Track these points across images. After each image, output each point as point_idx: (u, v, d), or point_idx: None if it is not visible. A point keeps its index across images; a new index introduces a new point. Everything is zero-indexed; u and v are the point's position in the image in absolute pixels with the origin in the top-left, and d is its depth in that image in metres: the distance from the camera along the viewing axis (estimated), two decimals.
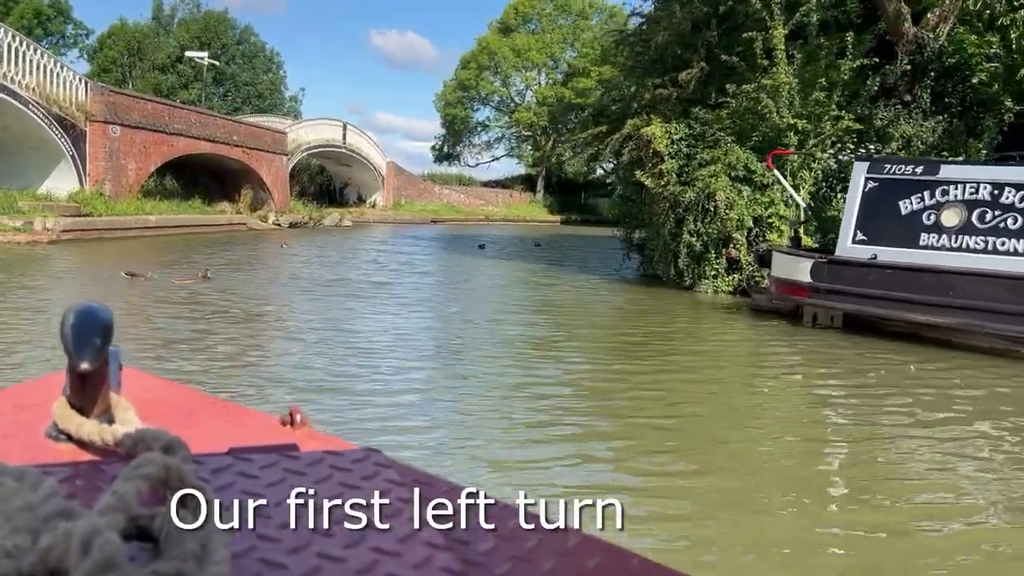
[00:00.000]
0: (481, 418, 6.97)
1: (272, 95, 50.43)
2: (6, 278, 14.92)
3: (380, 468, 0.86)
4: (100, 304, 0.90)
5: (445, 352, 10.15)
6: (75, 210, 24.50)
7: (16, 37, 23.60)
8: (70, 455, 0.88)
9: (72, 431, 0.90)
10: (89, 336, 0.86)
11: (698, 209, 17.17)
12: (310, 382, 7.89)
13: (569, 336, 11.95)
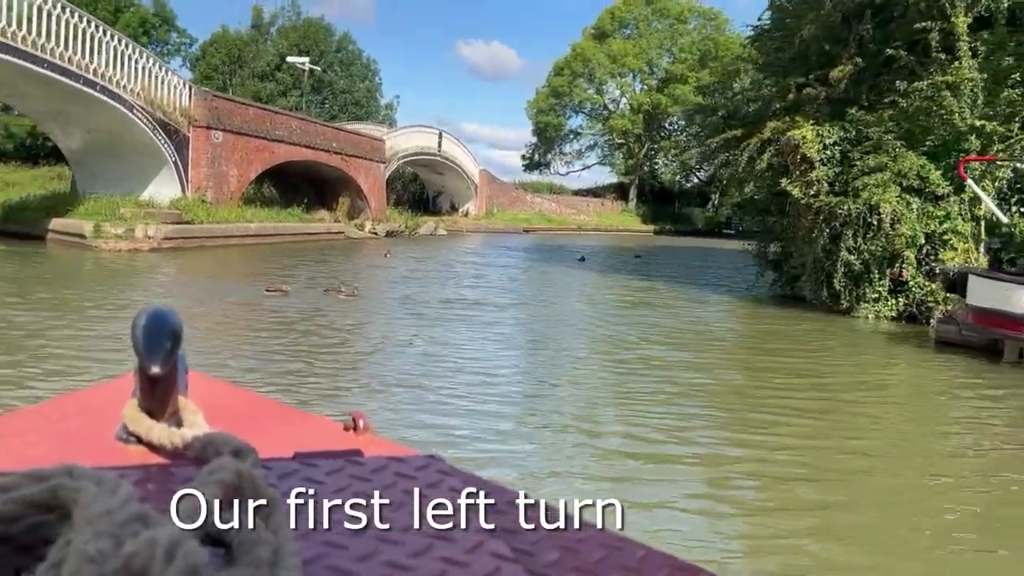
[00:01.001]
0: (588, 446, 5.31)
1: (368, 103, 49.62)
2: (109, 290, 13.81)
3: (443, 475, 0.84)
4: (169, 308, 0.90)
5: (553, 385, 8.42)
6: (177, 217, 23.63)
7: (123, 41, 22.87)
8: (140, 458, 0.88)
9: (142, 434, 0.90)
10: (160, 340, 0.86)
11: (859, 223, 14.95)
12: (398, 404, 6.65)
13: (700, 367, 9.98)
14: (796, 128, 16.29)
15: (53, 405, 1.17)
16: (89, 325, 10.92)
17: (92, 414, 1.07)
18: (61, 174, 30.49)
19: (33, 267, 17.48)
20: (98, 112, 22.32)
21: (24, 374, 7.66)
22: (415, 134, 44.17)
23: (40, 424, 1.06)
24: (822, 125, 16.17)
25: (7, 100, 23.70)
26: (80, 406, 1.12)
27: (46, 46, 19.83)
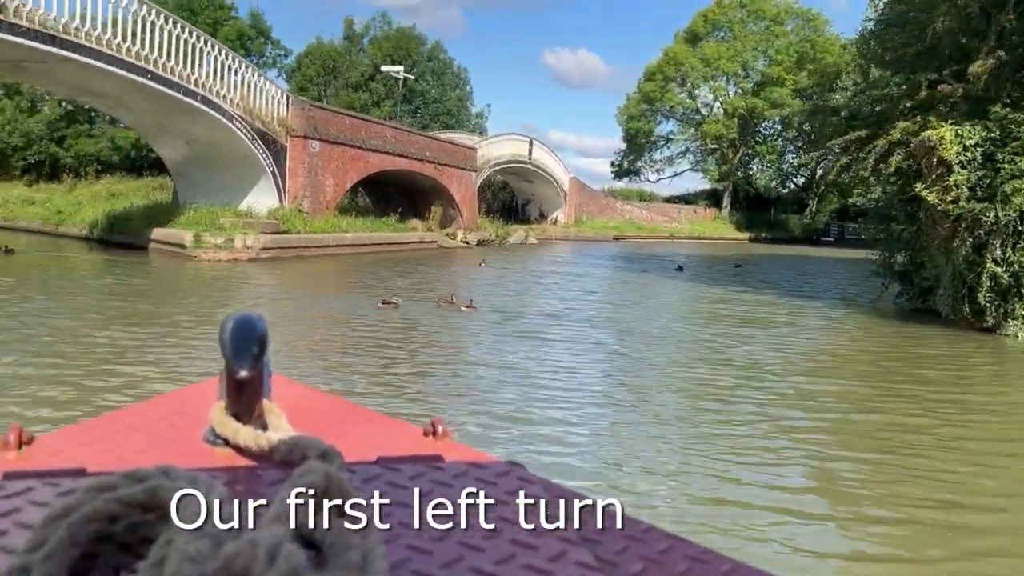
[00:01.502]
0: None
1: (460, 112, 49.34)
2: (209, 301, 13.48)
3: (524, 483, 0.84)
4: (256, 314, 0.91)
5: (654, 410, 7.38)
6: (274, 227, 23.50)
7: (224, 52, 22.89)
8: (227, 460, 0.89)
9: (229, 436, 0.90)
10: (248, 345, 0.87)
11: (1008, 231, 13.44)
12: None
13: (835, 395, 8.76)
14: (930, 128, 14.85)
15: (144, 407, 1.18)
16: (186, 335, 10.60)
17: (180, 416, 1.09)
18: (163, 185, 30.99)
19: (134, 277, 17.43)
20: (198, 123, 22.37)
21: (123, 379, 7.72)
22: (506, 142, 43.61)
23: (132, 425, 1.06)
24: (960, 125, 14.68)
25: (113, 112, 24.04)
26: (168, 408, 1.14)
27: (150, 57, 19.89)
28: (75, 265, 19.74)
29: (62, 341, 9.54)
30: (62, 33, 17.51)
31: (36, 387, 7.21)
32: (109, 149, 36.46)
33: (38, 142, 36.73)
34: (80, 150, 36.65)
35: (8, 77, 24.94)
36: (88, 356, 8.73)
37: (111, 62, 18.68)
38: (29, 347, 9.04)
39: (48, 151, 36.81)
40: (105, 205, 27.79)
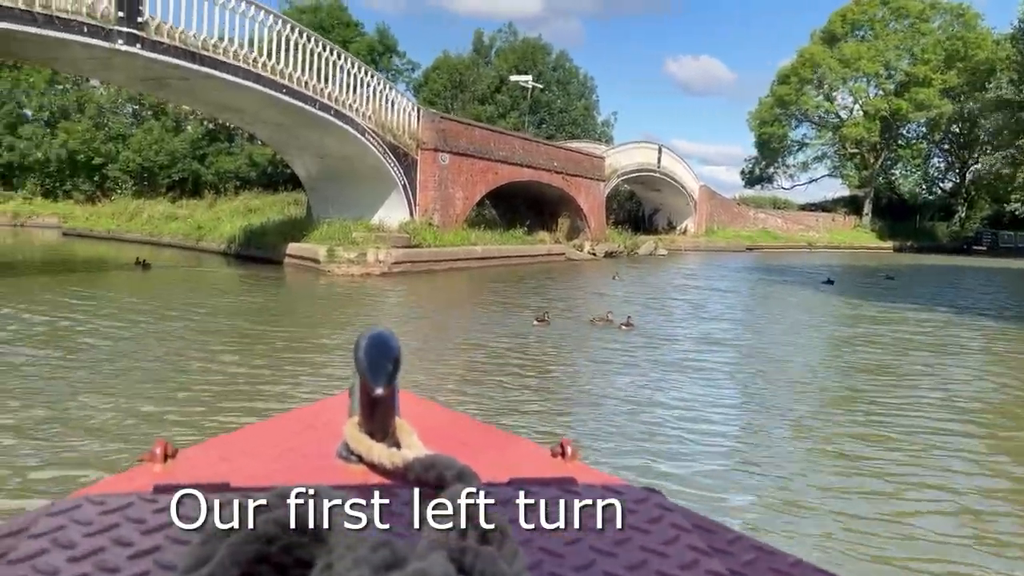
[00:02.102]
0: None
1: (586, 121, 48.29)
2: (351, 316, 12.91)
3: (664, 511, 0.81)
4: (389, 331, 0.92)
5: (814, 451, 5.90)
6: (405, 241, 23.08)
7: (357, 65, 22.66)
8: (362, 477, 0.90)
9: (363, 453, 0.91)
10: (382, 363, 0.88)
11: None
12: None
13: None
14: None
15: (277, 422, 1.19)
16: (318, 351, 10.07)
17: (312, 431, 1.10)
18: (298, 200, 31.32)
19: (268, 292, 17.19)
20: (331, 137, 22.21)
21: (258, 394, 7.79)
22: (634, 150, 42.24)
23: (267, 440, 1.08)
24: None
25: (250, 128, 24.26)
26: (301, 424, 1.15)
27: (285, 72, 19.78)
28: (211, 279, 19.81)
29: (197, 355, 9.55)
30: (202, 50, 17.53)
31: (176, 401, 7.31)
32: (247, 166, 37.34)
33: (182, 160, 38.00)
34: (220, 167, 37.70)
35: (153, 94, 25.60)
36: (223, 371, 8.68)
37: (248, 77, 18.63)
38: (167, 360, 9.16)
39: (191, 169, 38.05)
40: (242, 220, 28.23)
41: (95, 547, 0.64)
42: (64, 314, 12.37)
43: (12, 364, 8.54)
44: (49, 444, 5.78)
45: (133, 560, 0.63)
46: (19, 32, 14.18)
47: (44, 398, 7.11)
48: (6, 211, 39.13)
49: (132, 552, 0.64)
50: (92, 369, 8.47)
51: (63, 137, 38.36)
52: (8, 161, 39.70)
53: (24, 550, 0.64)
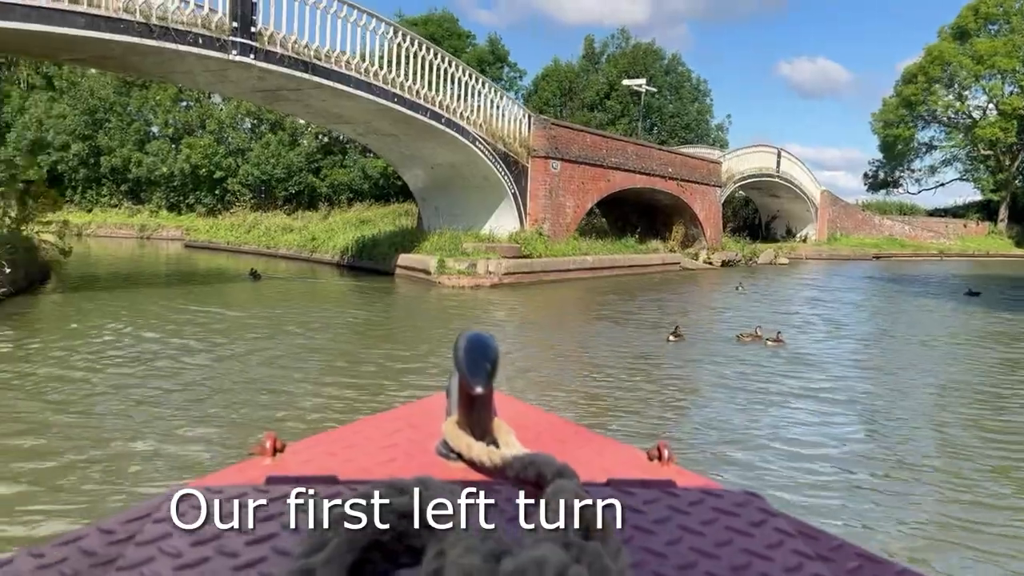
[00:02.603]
0: None
1: (699, 125, 46.58)
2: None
3: (767, 515, 0.78)
4: (487, 333, 0.93)
5: None
6: (515, 251, 22.35)
7: (468, 72, 22.14)
8: (462, 474, 0.90)
9: (463, 450, 0.92)
10: (482, 362, 0.89)
11: None
12: None
13: None
14: None
15: (378, 420, 1.22)
16: (424, 360, 9.80)
17: (413, 429, 1.12)
18: (409, 211, 31.16)
19: (378, 303, 16.75)
20: (442, 146, 21.74)
21: (363, 395, 8.04)
22: (752, 154, 40.34)
23: (369, 436, 1.11)
24: None
25: (362, 139, 24.09)
26: (402, 421, 1.17)
27: (396, 80, 19.39)
28: (322, 291, 19.59)
29: (307, 360, 9.94)
30: (313, 59, 17.28)
31: (287, 399, 7.70)
32: (360, 178, 37.55)
33: (298, 173, 38.58)
34: (334, 180, 38.07)
35: (268, 107, 25.80)
36: (331, 372, 9.13)
37: (360, 86, 18.31)
38: (277, 363, 9.58)
39: (306, 181, 38.58)
40: (355, 232, 28.18)
41: (215, 533, 0.67)
42: (187, 317, 12.82)
43: (137, 365, 9.03)
44: (167, 437, 6.26)
45: (251, 546, 0.65)
46: (138, 45, 14.19)
47: (162, 398, 7.62)
48: (134, 224, 40.72)
49: (250, 539, 0.66)
50: (206, 372, 8.82)
51: (186, 152, 39.59)
52: (136, 176, 41.29)
53: (150, 534, 0.67)
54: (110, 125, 41.72)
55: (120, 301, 15.21)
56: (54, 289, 16.76)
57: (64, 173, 42.81)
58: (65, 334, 11.24)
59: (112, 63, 16.47)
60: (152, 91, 41.68)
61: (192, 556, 0.63)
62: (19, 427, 6.50)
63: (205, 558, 0.63)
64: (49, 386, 7.99)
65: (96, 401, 7.44)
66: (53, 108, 42.05)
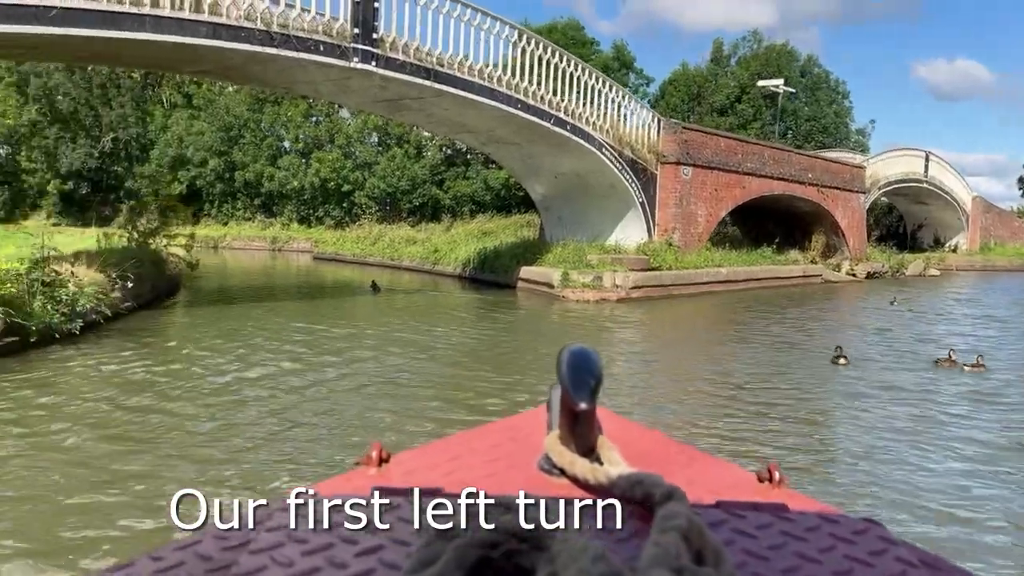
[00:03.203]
0: None
1: (837, 129, 43.63)
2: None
3: (888, 544, 0.74)
4: (591, 347, 0.91)
5: None
6: (643, 263, 20.99)
7: (594, 75, 21.00)
8: (565, 491, 0.88)
9: (565, 466, 0.91)
10: (586, 378, 0.87)
11: None
12: None
13: None
14: None
15: (480, 432, 1.22)
16: (539, 377, 8.68)
17: (513, 443, 1.11)
18: (531, 222, 30.29)
19: (498, 317, 15.82)
20: (566, 153, 20.68)
21: (471, 408, 7.98)
22: (897, 159, 37.37)
23: (472, 448, 1.10)
24: None
25: (484, 148, 23.33)
26: (503, 435, 1.16)
27: (519, 86, 18.47)
28: (443, 304, 18.88)
29: (420, 377, 9.62)
30: (436, 65, 16.57)
31: (397, 410, 7.66)
32: (482, 189, 37.03)
33: (422, 186, 38.47)
34: (457, 191, 37.73)
35: (391, 117, 25.44)
36: (443, 391, 8.91)
37: (482, 92, 17.49)
38: (390, 379, 9.35)
39: (430, 193, 38.41)
40: (477, 244, 27.50)
41: (324, 543, 0.67)
42: (306, 329, 12.69)
43: (242, 381, 8.92)
44: (279, 446, 6.35)
45: (359, 558, 0.66)
46: (258, 53, 13.82)
47: (270, 408, 7.66)
48: (266, 236, 41.65)
49: (358, 550, 0.67)
50: (323, 385, 8.74)
51: (316, 166, 40.18)
52: (269, 190, 42.24)
53: (263, 542, 0.68)
54: (244, 141, 42.91)
55: (243, 315, 14.91)
56: (181, 303, 16.72)
57: (202, 188, 44.36)
58: (179, 348, 10.85)
59: (235, 74, 16.29)
60: (284, 107, 42.62)
61: (303, 566, 0.64)
62: (118, 433, 6.61)
63: (316, 568, 0.64)
64: (150, 397, 7.93)
65: (196, 413, 7.40)
66: (192, 125, 43.66)
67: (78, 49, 13.13)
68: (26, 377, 8.56)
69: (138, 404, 7.69)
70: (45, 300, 10.35)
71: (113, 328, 11.88)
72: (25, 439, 6.45)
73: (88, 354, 9.95)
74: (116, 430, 6.80)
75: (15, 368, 8.92)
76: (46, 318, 10.15)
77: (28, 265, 10.41)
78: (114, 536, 4.60)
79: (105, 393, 8.06)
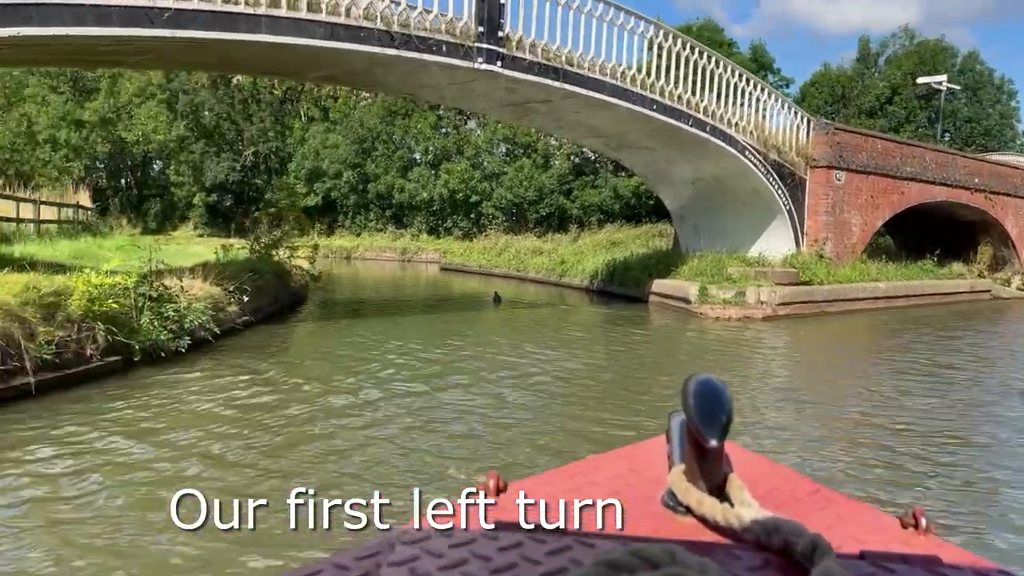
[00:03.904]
0: None
1: (1002, 131, 39.43)
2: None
3: None
4: (718, 378, 0.88)
5: None
6: (791, 277, 18.93)
7: (735, 71, 19.15)
8: (693, 532, 0.85)
9: (692, 505, 0.87)
10: (717, 413, 0.83)
11: None
12: None
13: None
14: None
15: (599, 461, 1.19)
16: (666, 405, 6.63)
17: (634, 474, 1.07)
18: (662, 231, 28.51)
19: (629, 339, 14.28)
20: (705, 158, 18.93)
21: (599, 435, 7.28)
22: None
23: (591, 479, 1.07)
24: None
25: (615, 154, 21.81)
26: (622, 465, 1.13)
27: (655, 85, 16.91)
28: (571, 319, 17.53)
29: (541, 401, 8.77)
30: (565, 65, 15.28)
31: (513, 438, 7.10)
32: (611, 198, 35.58)
33: (549, 195, 37.46)
34: (585, 201, 36.46)
35: (515, 121, 24.34)
36: (559, 414, 8.16)
37: (615, 93, 16.05)
38: (511, 398, 8.78)
39: (557, 203, 37.33)
40: (605, 255, 25.98)
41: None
42: (425, 344, 11.78)
43: (356, 400, 8.42)
44: (399, 473, 5.90)
45: None
46: (377, 55, 12.92)
47: (381, 431, 7.16)
48: (396, 247, 41.65)
49: None
50: (437, 409, 8.11)
51: (444, 178, 39.87)
52: (400, 201, 42.26)
53: (400, 555, 0.68)
54: (377, 153, 43.18)
55: (365, 329, 14.11)
56: (303, 316, 16.10)
57: (336, 199, 44.93)
58: (295, 367, 10.01)
59: (360, 79, 15.55)
60: (414, 119, 42.61)
61: None
62: (230, 459, 6.16)
63: None
64: (263, 417, 7.42)
65: (309, 435, 6.96)
66: (328, 139, 44.29)
67: (190, 54, 12.62)
68: (128, 399, 7.82)
69: (248, 424, 7.06)
70: (152, 316, 9.68)
71: (227, 344, 11.17)
72: (120, 471, 5.63)
73: (195, 374, 9.20)
74: (226, 455, 6.11)
75: (116, 389, 8.20)
76: (152, 335, 9.47)
77: (135, 279, 9.77)
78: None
79: (212, 418, 7.26)
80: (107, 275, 9.01)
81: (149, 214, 49.75)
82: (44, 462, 5.85)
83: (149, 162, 51.53)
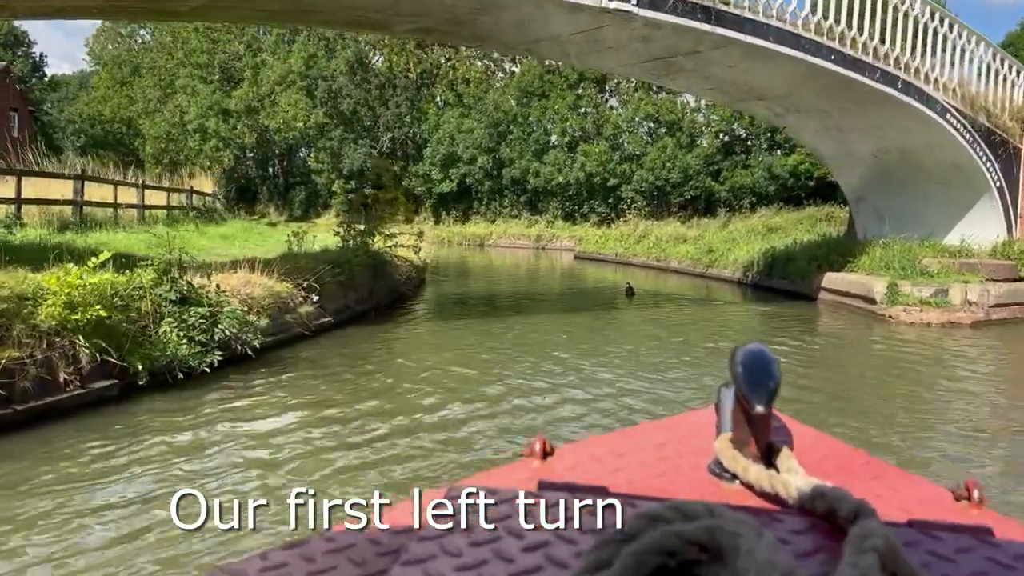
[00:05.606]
0: None
1: None
2: None
3: None
4: (766, 347, 0.86)
5: None
6: (1007, 271, 14.73)
7: (930, 11, 15.03)
8: (738, 497, 0.84)
9: (738, 472, 0.86)
10: (764, 380, 0.83)
11: None
12: None
13: None
14: None
15: (645, 429, 1.17)
16: None
17: (681, 443, 1.05)
18: (830, 215, 24.38)
19: (797, 352, 10.80)
20: (892, 122, 15.01)
21: None
22: None
23: (637, 445, 1.06)
24: None
25: (779, 120, 18.01)
26: (669, 433, 1.11)
27: (835, 29, 13.24)
28: (718, 319, 14.27)
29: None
30: (718, 3, 11.92)
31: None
32: (765, 179, 31.49)
33: (695, 177, 33.82)
34: (735, 183, 32.56)
35: (658, 82, 20.84)
36: None
37: (783, 39, 12.57)
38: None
39: (703, 185, 33.63)
40: (760, 243, 22.20)
41: (491, 536, 0.66)
42: (532, 352, 9.57)
43: None
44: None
45: (526, 552, 0.64)
46: None
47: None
48: (530, 234, 39.15)
49: (524, 544, 0.65)
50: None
51: (581, 160, 36.97)
52: (535, 187, 39.72)
53: (432, 530, 0.67)
54: (512, 137, 40.82)
55: (463, 335, 11.47)
56: (405, 314, 13.63)
57: (471, 185, 42.94)
58: (367, 395, 7.41)
59: (465, 30, 12.73)
60: (552, 100, 39.91)
61: (471, 557, 0.63)
62: None
63: (483, 561, 0.62)
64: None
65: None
66: (463, 123, 42.30)
67: (262, 4, 10.27)
68: (71, 457, 5.39)
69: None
70: (175, 324, 7.33)
71: (278, 357, 8.73)
72: None
73: (207, 407, 6.76)
74: None
75: (73, 435, 5.78)
76: (169, 349, 7.12)
77: (153, 276, 7.45)
78: None
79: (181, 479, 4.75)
80: (94, 271, 6.64)
81: (295, 202, 49.62)
82: None
83: (294, 151, 51.45)
